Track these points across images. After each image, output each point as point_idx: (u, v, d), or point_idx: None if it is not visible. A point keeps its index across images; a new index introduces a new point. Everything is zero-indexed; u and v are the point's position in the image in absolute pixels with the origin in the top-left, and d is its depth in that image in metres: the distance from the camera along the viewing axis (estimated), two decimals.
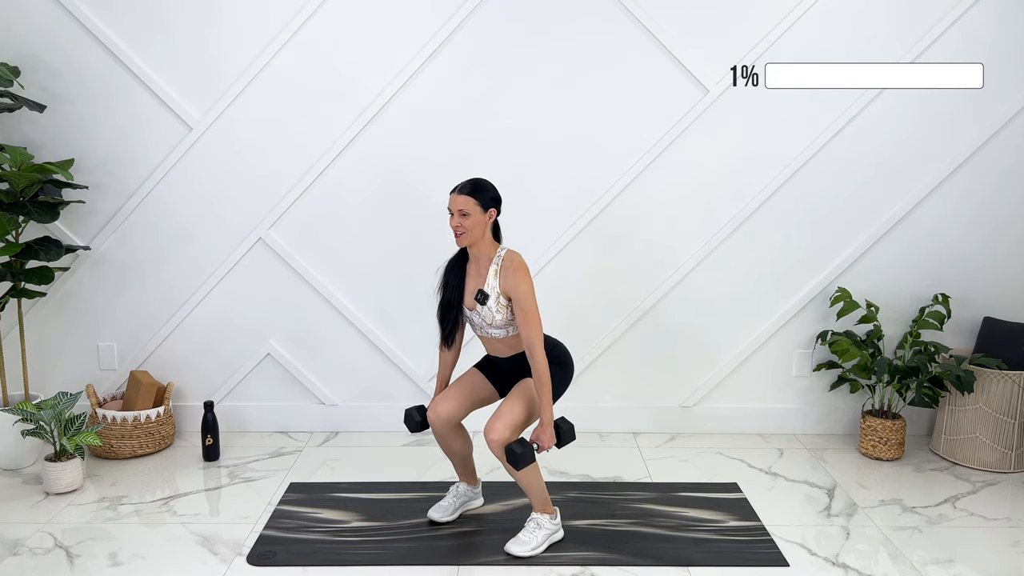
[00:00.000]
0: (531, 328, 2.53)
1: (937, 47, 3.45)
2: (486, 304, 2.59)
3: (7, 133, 3.49)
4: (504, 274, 2.58)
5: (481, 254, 2.63)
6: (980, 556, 2.69)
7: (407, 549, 2.70)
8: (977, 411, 3.38)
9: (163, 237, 3.61)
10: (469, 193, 2.55)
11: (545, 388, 2.55)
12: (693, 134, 3.53)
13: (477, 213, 2.55)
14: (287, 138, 3.52)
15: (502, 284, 2.58)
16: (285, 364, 3.72)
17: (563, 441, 2.62)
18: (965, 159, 3.53)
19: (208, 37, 3.44)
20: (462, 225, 2.55)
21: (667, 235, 3.62)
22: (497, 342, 2.69)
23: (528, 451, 2.53)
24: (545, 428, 2.57)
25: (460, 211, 2.54)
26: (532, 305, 2.53)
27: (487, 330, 2.66)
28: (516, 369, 2.72)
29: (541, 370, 2.54)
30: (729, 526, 2.87)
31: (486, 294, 2.59)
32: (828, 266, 3.65)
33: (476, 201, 2.55)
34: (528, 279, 2.55)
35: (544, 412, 2.56)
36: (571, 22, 3.45)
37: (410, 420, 2.79)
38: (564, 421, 2.64)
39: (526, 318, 2.53)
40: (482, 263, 2.63)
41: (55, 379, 3.69)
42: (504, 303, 2.58)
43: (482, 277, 2.63)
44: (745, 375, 3.75)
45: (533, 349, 2.53)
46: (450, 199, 2.58)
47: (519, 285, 2.53)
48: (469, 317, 2.69)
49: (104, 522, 2.89)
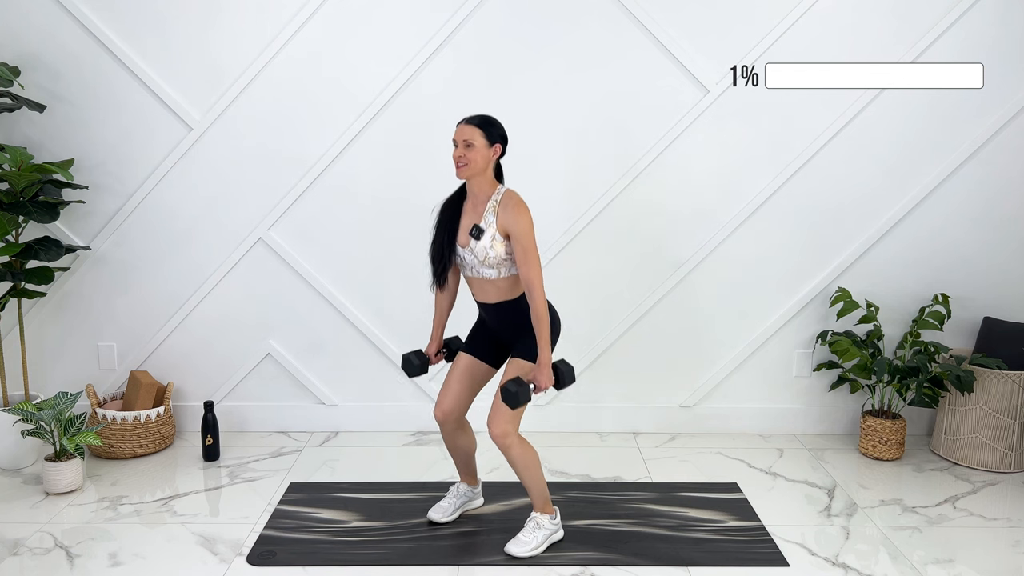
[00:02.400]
0: (530, 266, 2.47)
1: (937, 47, 3.45)
2: (480, 239, 2.52)
3: (7, 133, 3.49)
4: (503, 210, 2.51)
5: (480, 191, 2.56)
6: (980, 556, 2.69)
7: (407, 549, 2.70)
8: (977, 411, 3.38)
9: (163, 237, 3.61)
10: (477, 124, 2.49)
11: (544, 327, 2.48)
12: (693, 134, 3.53)
13: (482, 146, 2.49)
14: (287, 138, 3.52)
15: (500, 220, 2.50)
16: (285, 364, 3.72)
17: (562, 383, 2.55)
18: (965, 159, 3.53)
19: (208, 37, 3.44)
20: (465, 156, 2.48)
21: (667, 235, 3.62)
22: (487, 284, 2.59)
23: (524, 390, 2.44)
24: (543, 368, 2.49)
25: (465, 141, 2.48)
26: (531, 243, 2.47)
27: (479, 269, 2.56)
28: (503, 324, 2.64)
29: (540, 309, 2.48)
30: (729, 526, 2.87)
31: (481, 229, 2.51)
32: (828, 266, 3.65)
33: (483, 133, 2.49)
34: (528, 216, 2.48)
35: (542, 352, 2.50)
36: (571, 22, 3.45)
37: (408, 364, 2.74)
38: (564, 363, 2.56)
39: (525, 256, 2.47)
40: (480, 200, 2.56)
41: (55, 379, 3.69)
42: (500, 240, 2.51)
43: (479, 214, 2.55)
44: (745, 375, 3.75)
45: (532, 288, 2.47)
46: (456, 130, 2.50)
47: (519, 221, 2.47)
48: (461, 256, 2.59)
49: (104, 522, 2.89)
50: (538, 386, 2.50)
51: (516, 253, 2.49)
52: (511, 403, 2.45)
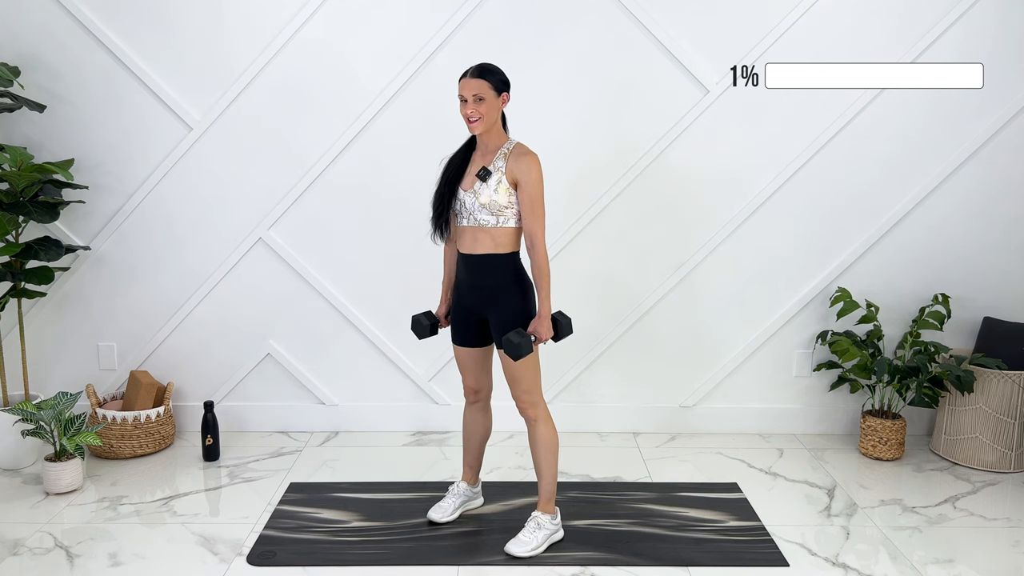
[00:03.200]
0: (536, 218, 2.48)
1: (937, 47, 3.45)
2: (487, 181, 2.50)
3: (7, 133, 3.49)
4: (515, 159, 2.49)
5: (491, 141, 2.55)
6: (980, 556, 2.69)
7: (407, 549, 2.70)
8: (977, 411, 3.38)
9: (163, 237, 3.61)
10: (482, 76, 2.47)
11: (545, 281, 2.51)
12: (693, 134, 3.53)
13: (491, 97, 2.47)
14: (287, 138, 3.52)
15: (511, 166, 2.49)
16: (285, 364, 3.72)
17: (560, 334, 2.58)
18: (965, 159, 3.53)
19: (208, 37, 3.44)
20: (477, 110, 2.46)
21: (667, 235, 3.62)
22: (481, 232, 2.53)
23: (526, 340, 2.47)
24: (543, 320, 2.52)
25: (475, 96, 2.45)
26: (539, 195, 2.47)
27: (476, 215, 2.53)
28: (480, 287, 2.58)
29: (542, 263, 2.50)
30: (729, 526, 2.87)
31: (489, 171, 2.50)
32: (828, 266, 3.65)
33: (490, 84, 2.47)
34: (539, 168, 2.48)
35: (542, 305, 2.52)
36: (571, 22, 3.45)
37: (418, 325, 2.75)
38: (562, 315, 2.60)
39: (532, 207, 2.47)
40: (490, 150, 2.55)
41: (55, 379, 3.69)
42: (506, 186, 2.49)
43: (488, 162, 2.54)
44: (745, 375, 3.75)
45: (535, 240, 2.49)
46: (461, 84, 2.47)
47: (531, 170, 2.46)
48: (461, 200, 2.56)
49: (104, 522, 2.89)
50: (538, 337, 2.54)
51: (522, 203, 2.49)
52: (513, 354, 2.47)
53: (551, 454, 2.65)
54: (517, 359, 2.49)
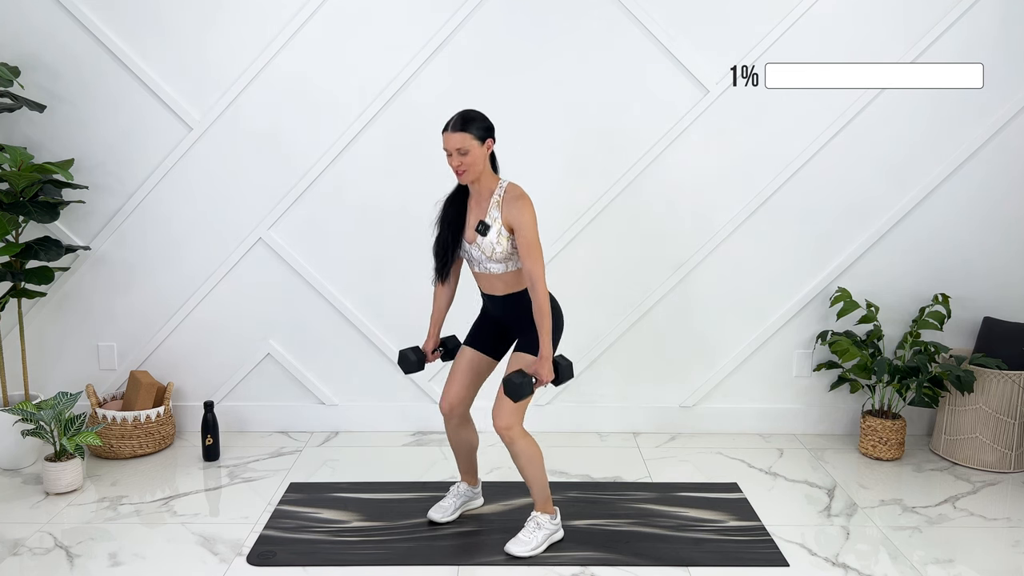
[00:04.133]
0: (534, 260, 2.49)
1: (937, 47, 3.45)
2: (487, 235, 2.53)
3: (7, 133, 3.49)
4: (507, 204, 2.52)
5: (483, 187, 2.57)
6: (980, 556, 2.69)
7: (407, 549, 2.70)
8: (977, 411, 3.38)
9: (163, 237, 3.61)
10: (463, 128, 2.47)
11: (545, 321, 2.51)
12: (693, 134, 3.53)
13: (475, 147, 2.48)
14: (287, 138, 3.52)
15: (505, 215, 2.52)
16: (285, 364, 3.72)
17: (561, 378, 2.58)
18: (965, 159, 3.53)
19: (208, 37, 3.44)
20: (463, 163, 2.48)
21: (668, 235, 3.62)
22: (495, 279, 2.61)
23: (527, 381, 2.47)
24: (544, 362, 2.52)
25: (458, 149, 2.47)
26: (535, 236, 2.49)
27: (485, 264, 2.59)
28: (509, 314, 2.66)
29: (542, 303, 2.50)
30: (729, 526, 2.87)
31: (487, 224, 2.53)
32: (828, 266, 3.65)
33: (472, 135, 2.48)
34: (531, 210, 2.49)
35: (544, 346, 2.52)
36: (571, 22, 3.45)
37: (405, 360, 2.74)
38: (563, 358, 2.60)
39: (529, 250, 2.48)
40: (483, 196, 2.57)
41: (55, 379, 3.69)
42: (506, 235, 2.52)
43: (483, 210, 2.57)
44: (745, 375, 3.75)
45: (535, 281, 2.49)
46: (444, 139, 2.49)
47: (523, 215, 2.48)
48: (467, 251, 2.62)
49: (104, 522, 2.89)
50: (539, 379, 2.53)
51: (520, 247, 2.50)
52: (514, 395, 2.47)
53: (535, 464, 2.63)
54: (517, 400, 2.50)
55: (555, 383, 2.58)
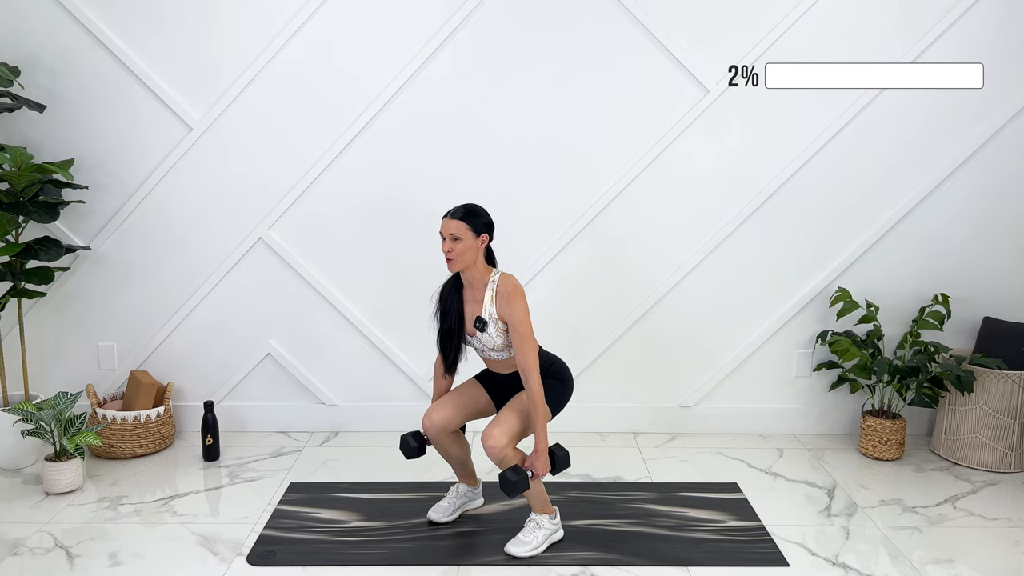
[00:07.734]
0: (526, 353, 2.52)
1: (937, 47, 3.45)
2: (486, 331, 2.59)
3: (7, 133, 3.49)
4: (500, 299, 2.56)
5: (475, 279, 2.61)
6: (980, 556, 2.69)
7: (407, 549, 2.70)
8: (977, 411, 3.38)
9: (163, 237, 3.61)
10: (461, 218, 2.53)
11: (540, 414, 2.54)
12: (693, 134, 3.53)
13: (469, 238, 2.52)
14: (287, 138, 3.52)
15: (499, 309, 2.56)
16: (285, 364, 3.72)
17: (558, 468, 2.61)
18: (965, 159, 3.53)
19: (208, 37, 3.44)
20: (453, 250, 2.52)
21: (667, 235, 3.62)
22: (500, 363, 2.70)
23: (522, 478, 2.50)
24: (540, 455, 2.55)
25: (452, 235, 2.51)
26: (527, 330, 2.53)
27: (488, 352, 2.67)
28: (516, 384, 2.71)
29: (536, 396, 2.52)
30: (729, 526, 2.87)
31: (485, 321, 2.58)
32: (828, 266, 3.65)
33: (468, 226, 2.52)
34: (523, 303, 2.54)
35: (539, 439, 2.55)
36: (571, 22, 3.45)
37: (406, 446, 2.74)
38: (559, 448, 2.63)
39: (521, 343, 2.52)
40: (476, 288, 2.62)
41: (55, 379, 3.69)
42: (503, 327, 2.58)
43: (478, 303, 2.61)
44: (745, 375, 3.75)
45: (528, 374, 2.52)
46: (442, 223, 2.55)
47: (514, 310, 2.52)
48: (470, 342, 2.69)
49: (104, 522, 2.89)
50: (535, 473, 2.56)
51: (513, 339, 2.54)
52: (509, 492, 2.50)
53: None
54: (512, 496, 2.52)
55: (552, 472, 2.61)
